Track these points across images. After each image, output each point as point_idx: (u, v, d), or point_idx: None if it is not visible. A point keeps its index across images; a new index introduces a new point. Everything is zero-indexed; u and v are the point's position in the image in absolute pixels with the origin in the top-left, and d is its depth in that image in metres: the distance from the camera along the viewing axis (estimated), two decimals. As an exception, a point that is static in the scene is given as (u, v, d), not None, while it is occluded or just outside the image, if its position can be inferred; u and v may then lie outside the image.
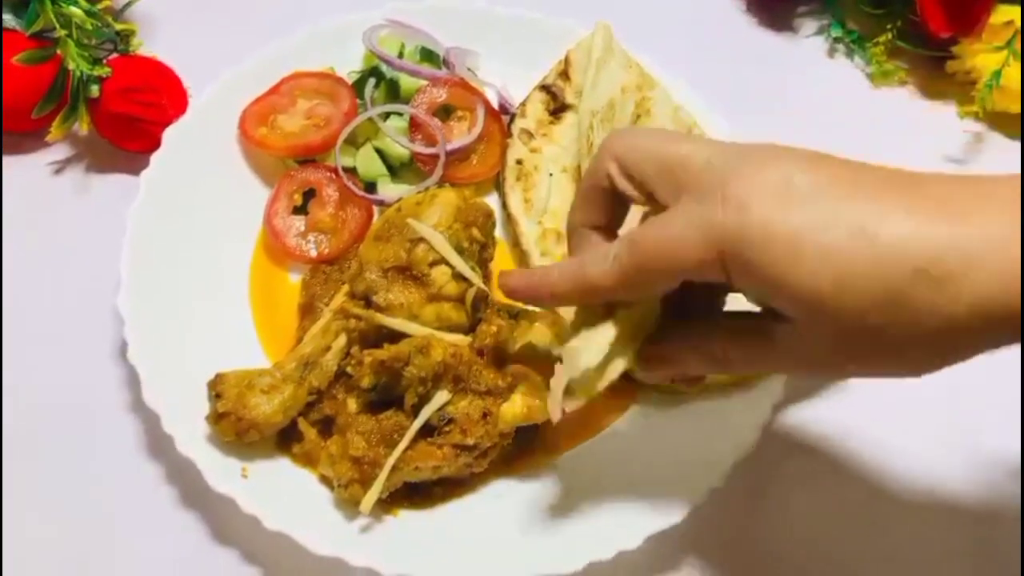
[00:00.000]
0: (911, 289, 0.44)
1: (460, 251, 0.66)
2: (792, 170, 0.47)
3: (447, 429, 0.62)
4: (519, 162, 0.78)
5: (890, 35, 0.89)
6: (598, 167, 0.54)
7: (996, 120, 0.87)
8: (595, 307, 0.54)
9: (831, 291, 0.45)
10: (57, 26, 0.75)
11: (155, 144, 0.74)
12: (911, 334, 0.45)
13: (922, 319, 0.44)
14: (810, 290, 0.45)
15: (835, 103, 0.90)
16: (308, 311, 0.70)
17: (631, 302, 0.53)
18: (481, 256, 0.69)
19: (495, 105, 0.81)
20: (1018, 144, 0.87)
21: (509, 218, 0.77)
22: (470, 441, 0.61)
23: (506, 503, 0.64)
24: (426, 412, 0.62)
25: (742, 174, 0.47)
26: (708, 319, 0.54)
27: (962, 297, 0.43)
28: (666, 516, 0.62)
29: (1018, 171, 0.86)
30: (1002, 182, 0.45)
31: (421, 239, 0.66)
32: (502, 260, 0.75)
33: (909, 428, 0.70)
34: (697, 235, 0.47)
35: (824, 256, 0.45)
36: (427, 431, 0.62)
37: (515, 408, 0.62)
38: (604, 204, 0.55)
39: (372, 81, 0.79)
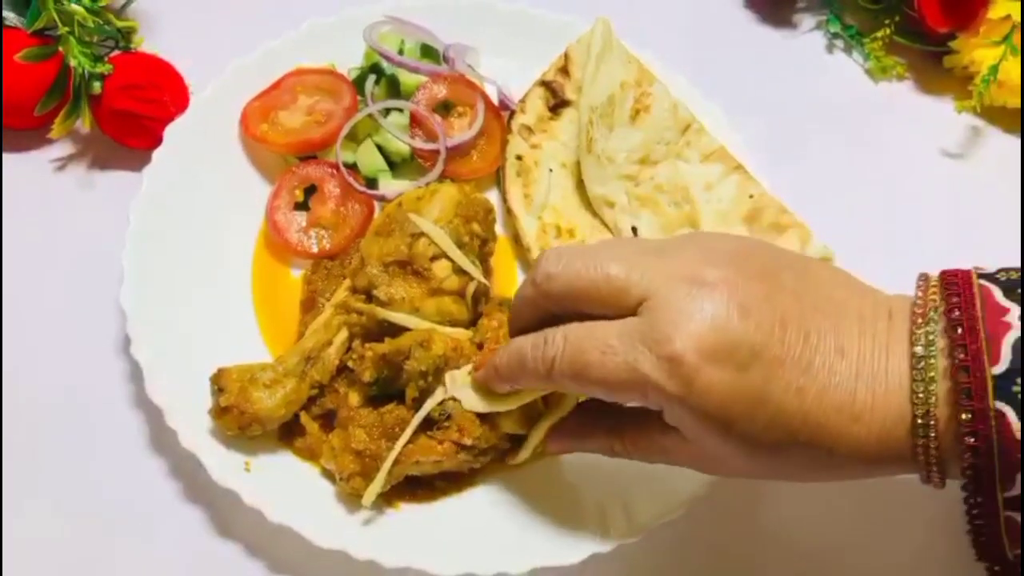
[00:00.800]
0: (835, 426, 0.50)
1: (461, 246, 0.67)
2: (724, 326, 0.50)
3: (446, 424, 0.62)
4: (519, 158, 0.78)
5: (888, 30, 0.90)
6: (530, 296, 0.56)
7: (994, 114, 0.88)
8: None
9: (778, 440, 0.50)
10: (59, 23, 0.75)
11: (157, 141, 0.74)
12: (832, 461, 0.51)
13: (839, 449, 0.50)
14: (752, 442, 0.51)
15: (834, 98, 0.90)
16: (310, 306, 0.70)
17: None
18: (482, 251, 0.69)
19: (495, 101, 0.81)
20: (1015, 138, 0.88)
21: (509, 213, 0.77)
22: (468, 441, 0.62)
23: (507, 496, 0.64)
24: (427, 406, 0.62)
25: (675, 323, 0.50)
26: (610, 410, 0.57)
27: (873, 429, 0.50)
28: (667, 509, 0.62)
29: (1016, 165, 0.87)
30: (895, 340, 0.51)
31: (422, 234, 0.66)
32: (502, 255, 0.75)
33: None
34: (637, 383, 0.51)
35: (771, 418, 0.50)
36: (428, 424, 0.63)
37: (514, 414, 0.62)
38: (540, 314, 0.57)
39: (372, 77, 0.79)
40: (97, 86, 0.76)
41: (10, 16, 0.79)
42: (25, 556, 0.63)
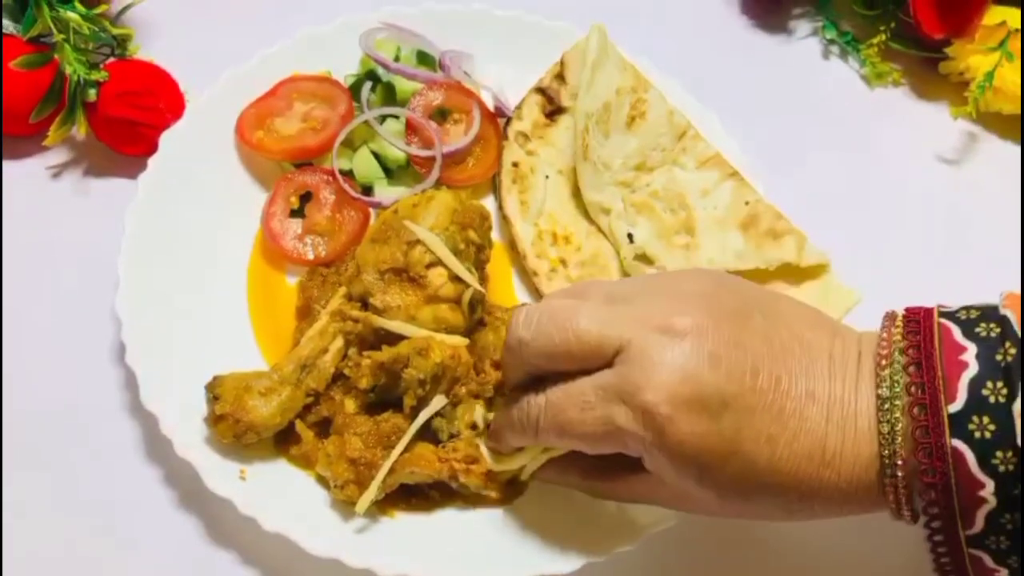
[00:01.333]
0: (805, 473, 0.51)
1: (456, 253, 0.67)
2: (695, 376, 0.51)
3: (451, 444, 0.62)
4: (515, 164, 0.78)
5: (884, 36, 0.90)
6: (510, 361, 0.58)
7: (989, 121, 0.88)
8: None
9: (750, 488, 0.52)
10: (54, 30, 0.75)
11: (152, 148, 0.74)
12: (804, 506, 0.52)
13: (810, 494, 0.51)
14: (723, 489, 0.52)
15: (830, 104, 0.90)
16: (305, 313, 0.70)
17: None
18: (478, 258, 0.69)
19: (491, 108, 0.81)
20: (1011, 144, 0.88)
21: (505, 220, 0.77)
22: (463, 480, 0.62)
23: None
24: (423, 416, 0.62)
25: (647, 375, 0.51)
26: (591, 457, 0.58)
27: (843, 472, 0.51)
28: (662, 516, 0.62)
29: (1011, 171, 0.87)
30: (863, 399, 0.51)
31: (418, 241, 0.66)
32: (498, 262, 0.75)
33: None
34: (615, 435, 0.52)
35: (743, 467, 0.51)
36: (430, 436, 0.63)
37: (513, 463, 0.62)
38: (526, 374, 0.58)
39: (368, 84, 0.80)
40: (92, 93, 0.76)
41: (6, 23, 0.79)
42: (20, 565, 0.63)
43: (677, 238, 0.76)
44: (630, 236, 0.76)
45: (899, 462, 0.49)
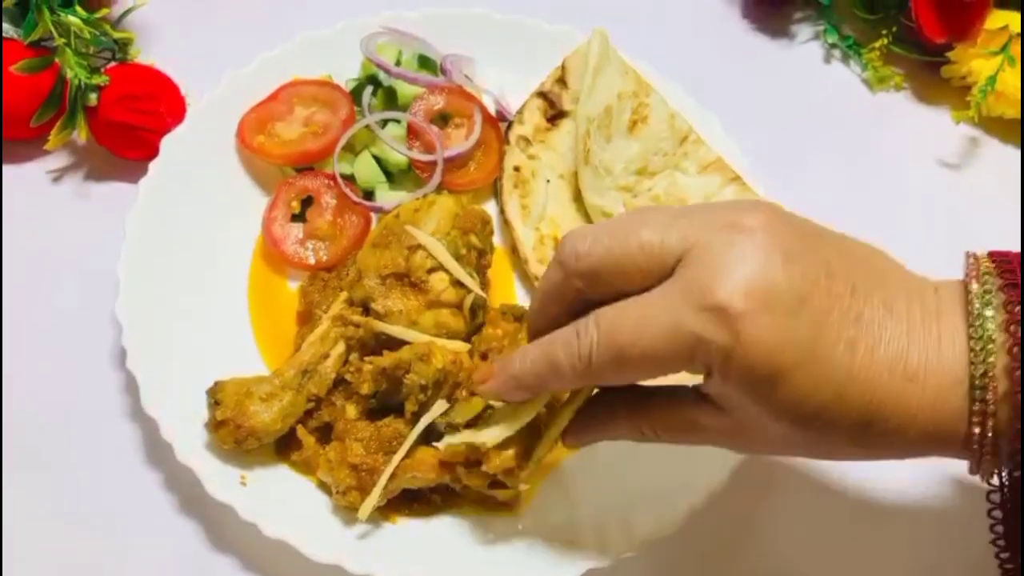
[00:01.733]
0: (887, 386, 0.47)
1: (458, 258, 0.67)
2: (769, 271, 0.47)
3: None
4: (516, 169, 0.78)
5: (885, 40, 0.90)
6: (559, 281, 0.52)
7: (991, 124, 0.88)
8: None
9: (827, 401, 0.47)
10: (55, 35, 0.75)
11: (153, 152, 0.74)
12: (880, 428, 0.48)
13: (890, 413, 0.47)
14: (796, 405, 0.47)
15: (832, 108, 0.90)
16: (306, 318, 0.70)
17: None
18: (479, 263, 0.69)
19: (492, 112, 0.81)
20: (1012, 148, 0.88)
21: (507, 224, 0.77)
22: (467, 482, 0.61)
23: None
24: (424, 421, 0.62)
25: (717, 272, 0.46)
26: (632, 392, 0.54)
27: (927, 389, 0.47)
28: (664, 522, 0.62)
29: (1012, 175, 0.87)
30: (946, 306, 0.48)
31: (419, 246, 0.66)
32: (500, 266, 0.75)
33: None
34: (683, 344, 0.47)
35: (821, 374, 0.46)
36: (426, 438, 0.63)
37: (517, 449, 0.61)
38: (567, 304, 0.53)
39: (370, 88, 0.79)
40: (93, 97, 0.76)
41: (7, 27, 0.79)
42: (21, 570, 0.62)
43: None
44: (632, 240, 0.76)
45: (989, 383, 0.46)
